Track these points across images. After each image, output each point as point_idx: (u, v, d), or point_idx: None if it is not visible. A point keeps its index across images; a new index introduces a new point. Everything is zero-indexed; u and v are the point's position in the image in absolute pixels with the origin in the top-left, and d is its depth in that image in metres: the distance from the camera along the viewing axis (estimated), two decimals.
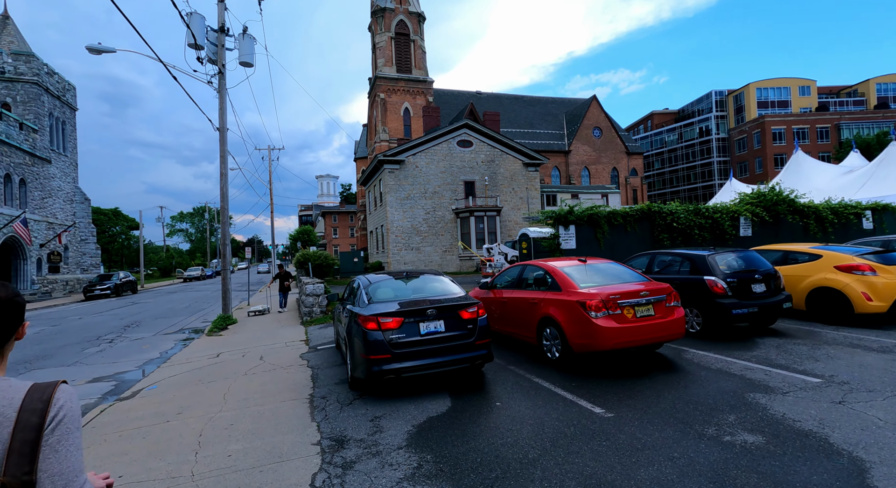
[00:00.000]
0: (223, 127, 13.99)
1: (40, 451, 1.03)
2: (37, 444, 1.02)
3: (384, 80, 49.56)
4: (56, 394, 1.10)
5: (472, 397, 5.19)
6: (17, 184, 28.51)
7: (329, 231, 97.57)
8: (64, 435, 1.07)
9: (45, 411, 1.06)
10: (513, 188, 36.32)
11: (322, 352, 8.59)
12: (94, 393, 6.96)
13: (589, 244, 14.35)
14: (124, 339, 11.99)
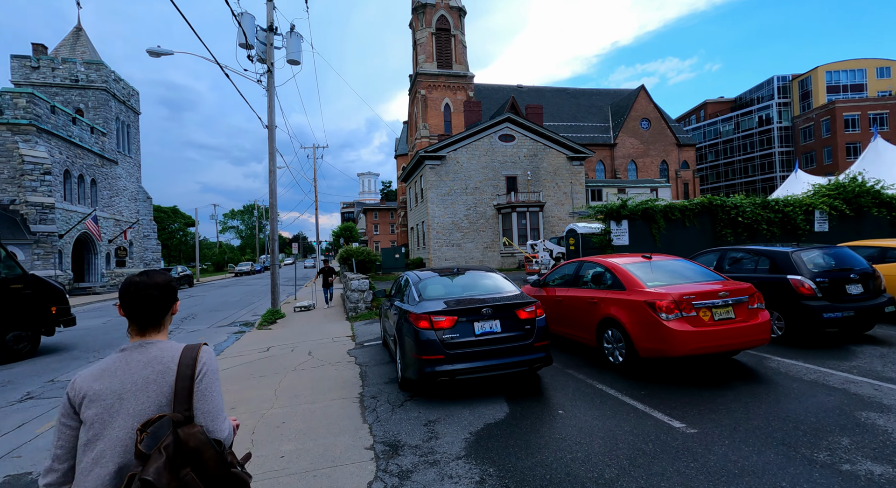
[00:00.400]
0: (272, 124, 14.27)
1: (194, 395, 1.40)
2: (191, 389, 1.40)
3: (424, 76, 49.54)
4: (200, 353, 1.49)
5: (531, 403, 4.83)
6: (88, 185, 30.76)
7: (370, 227, 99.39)
8: (209, 383, 1.45)
9: (194, 366, 1.44)
10: (556, 183, 35.28)
11: (369, 348, 8.49)
12: None
13: (643, 240, 13.53)
14: (182, 331, 12.49)
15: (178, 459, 1.27)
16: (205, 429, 1.38)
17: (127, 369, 1.43)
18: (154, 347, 1.48)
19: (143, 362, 1.45)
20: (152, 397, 1.40)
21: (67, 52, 34.78)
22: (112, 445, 1.33)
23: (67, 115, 28.64)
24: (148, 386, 1.40)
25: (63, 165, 27.76)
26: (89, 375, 1.43)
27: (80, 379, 1.43)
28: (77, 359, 9.08)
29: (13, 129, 24.93)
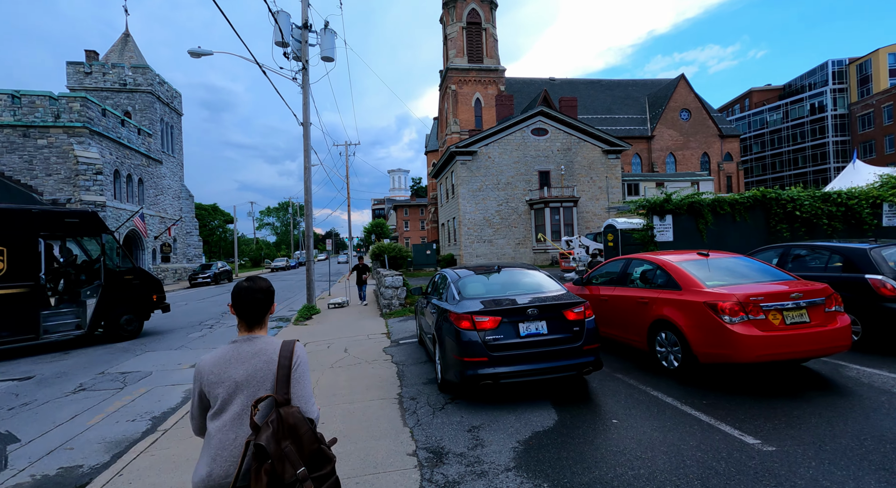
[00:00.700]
0: (306, 121, 14.38)
1: (291, 381, 1.68)
2: (289, 377, 1.68)
3: (455, 71, 49.18)
4: (295, 348, 1.77)
5: (580, 409, 4.53)
6: (136, 184, 32.28)
7: (400, 224, 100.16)
8: (302, 372, 1.74)
9: (291, 357, 1.72)
10: (591, 177, 34.25)
11: (405, 346, 8.36)
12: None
13: (689, 236, 12.81)
14: (222, 325, 12.81)
15: (281, 432, 1.57)
16: (300, 410, 1.67)
17: (239, 358, 1.75)
18: (259, 341, 1.79)
19: (251, 353, 1.75)
20: (260, 381, 1.71)
21: (116, 57, 36.55)
22: (231, 417, 1.67)
23: (117, 118, 30.09)
24: (256, 373, 1.72)
25: (113, 165, 29.22)
26: (211, 361, 1.76)
27: (203, 364, 1.77)
28: (125, 352, 9.42)
29: (69, 132, 26.41)
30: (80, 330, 10.41)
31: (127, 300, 11.18)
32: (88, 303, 10.62)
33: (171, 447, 4.35)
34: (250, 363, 1.72)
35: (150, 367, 8.04)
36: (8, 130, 25.63)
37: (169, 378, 7.34)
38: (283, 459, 1.52)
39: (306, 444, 1.60)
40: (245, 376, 1.70)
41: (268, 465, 1.50)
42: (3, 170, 25.57)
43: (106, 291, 10.74)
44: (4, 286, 9.22)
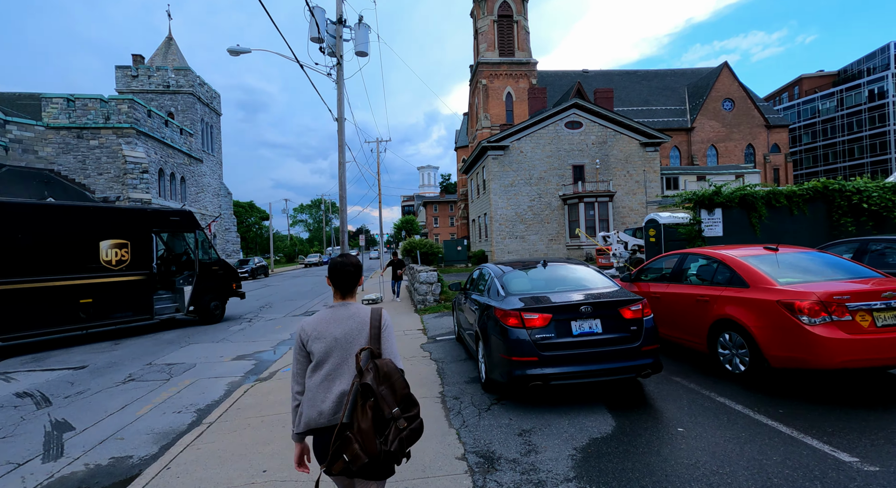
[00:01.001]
0: (341, 117, 14.41)
1: (381, 338, 2.03)
2: (379, 335, 2.03)
3: (486, 65, 48.60)
4: (382, 313, 2.10)
5: (638, 415, 4.20)
6: (178, 182, 33.61)
7: (430, 220, 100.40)
8: (389, 332, 2.08)
9: (380, 320, 2.06)
10: (627, 171, 33.08)
11: (442, 343, 8.18)
12: (238, 371, 7.36)
13: (740, 231, 12.06)
14: (260, 319, 13.05)
15: (378, 378, 1.85)
16: (391, 361, 1.95)
17: (336, 320, 2.06)
18: (352, 306, 2.11)
19: (346, 316, 2.06)
20: (354, 339, 2.02)
21: (161, 60, 38.09)
22: (333, 367, 1.99)
23: (161, 118, 31.36)
24: (352, 331, 2.03)
25: (158, 164, 30.49)
26: (313, 322, 2.07)
27: (306, 325, 2.07)
28: (171, 344, 9.68)
29: (117, 133, 27.72)
30: (178, 312, 12.19)
31: (214, 288, 12.79)
32: (185, 289, 12.23)
33: (216, 441, 4.32)
34: (346, 324, 2.04)
35: (193, 359, 8.20)
36: (64, 132, 27.14)
37: (212, 370, 7.44)
38: (382, 399, 1.83)
39: (398, 389, 1.88)
40: (342, 334, 2.02)
41: (371, 402, 1.81)
42: (60, 170, 27.12)
43: (198, 280, 12.33)
44: (129, 274, 10.91)
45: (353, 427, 1.79)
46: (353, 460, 1.76)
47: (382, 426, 1.80)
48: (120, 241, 10.82)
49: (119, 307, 10.68)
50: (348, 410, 1.82)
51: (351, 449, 1.76)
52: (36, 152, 26.59)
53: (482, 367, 5.27)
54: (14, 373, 7.50)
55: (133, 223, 11.17)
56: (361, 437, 1.76)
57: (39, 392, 6.42)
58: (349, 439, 1.78)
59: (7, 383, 6.92)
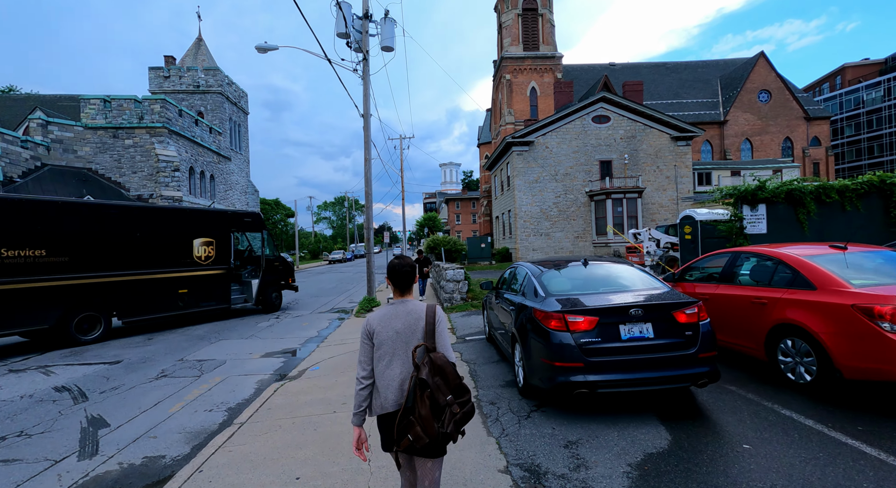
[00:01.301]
0: (367, 113, 14.30)
1: (435, 333, 2.23)
2: (434, 330, 2.23)
3: (510, 59, 47.91)
4: (436, 310, 2.32)
5: (695, 428, 3.87)
6: (208, 180, 34.40)
7: (452, 217, 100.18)
8: (442, 328, 2.29)
9: (434, 316, 2.27)
10: (657, 166, 32.02)
11: (472, 343, 7.95)
12: (267, 369, 7.31)
13: (786, 227, 11.36)
14: (287, 316, 13.10)
15: (433, 371, 2.09)
16: (444, 355, 2.16)
17: (397, 315, 2.26)
18: (410, 303, 2.32)
19: (405, 312, 2.27)
20: (412, 332, 2.22)
21: (191, 60, 39.02)
22: (395, 359, 2.21)
23: (191, 118, 32.12)
24: (410, 326, 2.23)
25: (188, 163, 31.26)
26: (377, 316, 2.29)
27: (372, 320, 2.28)
28: (202, 340, 9.77)
29: (150, 132, 28.51)
30: (247, 302, 13.72)
31: (275, 281, 14.31)
32: (252, 282, 13.70)
33: (247, 443, 4.21)
34: (405, 319, 2.26)
35: (223, 356, 8.22)
36: (101, 132, 28.10)
37: (242, 367, 7.42)
38: (437, 389, 2.07)
39: (451, 379, 2.11)
40: (403, 327, 2.24)
41: (428, 393, 2.06)
42: (97, 169, 28.10)
43: (264, 274, 13.89)
44: (214, 268, 12.43)
45: (415, 412, 2.06)
46: (417, 440, 2.05)
47: (439, 411, 2.06)
48: (207, 240, 12.32)
49: (206, 296, 12.23)
50: (410, 397, 2.10)
51: (414, 431, 2.05)
52: (75, 152, 27.62)
53: (519, 371, 5.01)
54: (54, 367, 7.67)
55: (217, 223, 12.69)
56: (422, 422, 2.04)
57: (77, 386, 6.50)
58: (412, 422, 2.06)
59: (47, 377, 7.06)
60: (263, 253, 14.18)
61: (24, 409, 5.58)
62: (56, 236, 9.38)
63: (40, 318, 9.01)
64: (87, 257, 9.82)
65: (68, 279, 9.49)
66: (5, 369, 7.58)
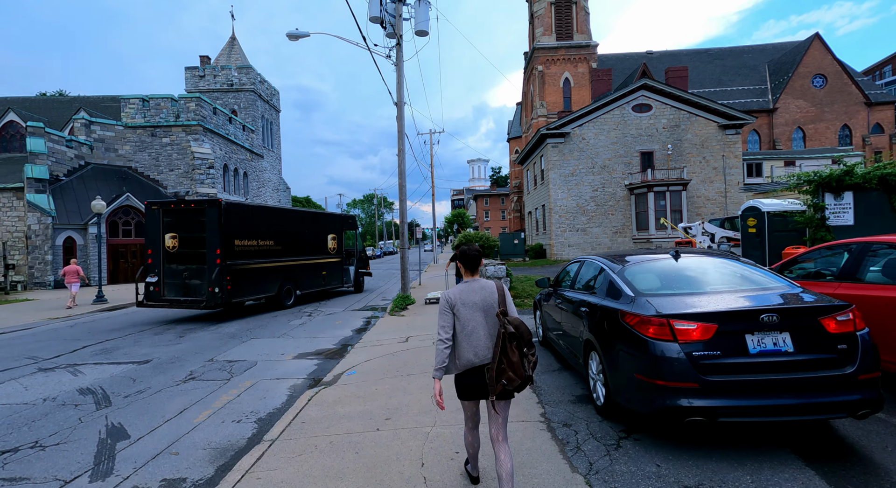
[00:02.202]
0: (400, 101, 13.62)
1: (506, 301, 2.75)
2: (504, 299, 2.74)
3: (542, 50, 46.41)
4: (501, 283, 2.84)
5: (856, 474, 2.91)
6: (241, 177, 34.76)
7: (480, 214, 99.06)
8: (509, 297, 2.81)
9: (502, 288, 2.80)
10: (703, 157, 30.07)
11: None
12: (300, 372, 6.72)
13: (879, 218, 10.00)
14: (320, 314, 12.61)
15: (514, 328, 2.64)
16: (516, 317, 2.73)
17: (473, 290, 2.78)
18: (479, 281, 2.85)
19: (478, 288, 2.80)
20: (490, 303, 2.76)
21: (225, 60, 39.58)
22: (476, 325, 2.72)
23: (225, 115, 32.47)
24: (486, 298, 2.76)
25: (223, 160, 31.61)
26: (456, 292, 2.79)
27: (452, 294, 2.79)
28: (233, 338, 9.33)
29: (186, 130, 28.92)
30: (347, 284, 17.17)
31: (363, 268, 18.35)
32: (349, 269, 17.25)
33: (278, 468, 3.55)
34: (481, 292, 2.77)
35: (254, 356, 7.70)
36: (140, 131, 28.70)
37: (273, 369, 6.86)
38: (521, 340, 2.64)
39: (524, 335, 2.65)
40: (480, 299, 2.75)
41: (514, 344, 2.62)
42: (137, 167, 28.73)
43: (357, 263, 17.75)
44: (336, 257, 16.32)
45: (505, 361, 2.56)
46: (510, 382, 2.56)
47: (522, 358, 2.61)
48: (333, 235, 16.14)
49: (332, 278, 16.06)
50: (500, 350, 2.57)
51: (508, 376, 2.55)
52: (116, 150, 28.32)
53: (598, 387, 4.15)
54: (83, 366, 7.33)
55: (337, 223, 16.61)
56: (513, 367, 2.56)
57: (102, 389, 6.08)
58: (504, 369, 2.56)
59: (74, 377, 6.70)
60: (356, 246, 18.00)
61: (44, 415, 5.15)
62: (275, 232, 13.23)
63: (271, 289, 13.10)
64: (288, 247, 13.74)
65: (282, 261, 13.46)
66: (35, 368, 7.30)
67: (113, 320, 12.43)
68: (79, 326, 11.52)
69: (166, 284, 11.73)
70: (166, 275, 11.75)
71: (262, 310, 13.30)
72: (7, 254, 23.28)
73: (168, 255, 11.76)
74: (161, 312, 13.62)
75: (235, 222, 11.82)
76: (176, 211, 11.75)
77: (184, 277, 11.62)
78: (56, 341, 9.50)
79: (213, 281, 11.08)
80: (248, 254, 12.18)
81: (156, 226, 11.73)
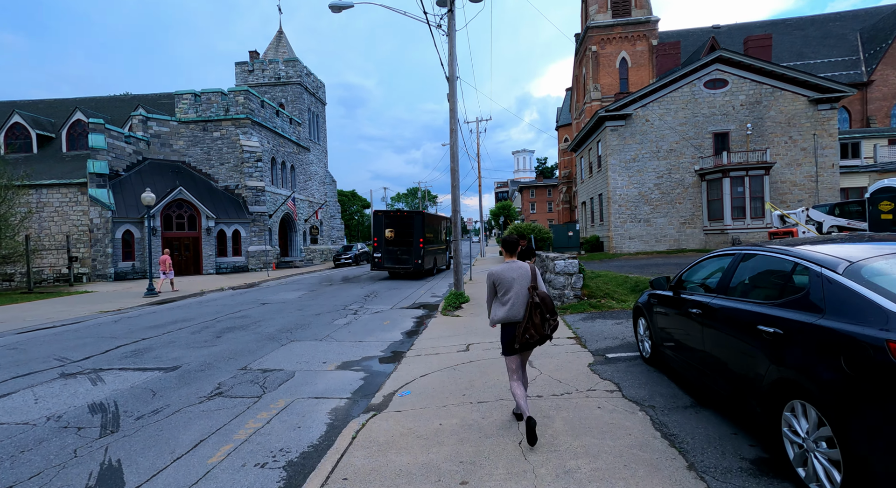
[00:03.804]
0: (452, 75, 12.18)
1: (536, 278, 3.88)
2: (535, 276, 3.88)
3: (597, 29, 43.32)
4: (533, 265, 4.04)
5: None
6: (288, 170, 34.80)
7: (526, 206, 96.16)
8: (539, 275, 3.96)
9: (534, 269, 3.93)
10: (789, 136, 26.47)
11: (622, 365, 5.53)
12: (343, 389, 5.52)
13: None
14: (366, 312, 11.53)
15: (540, 299, 3.72)
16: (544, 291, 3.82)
17: (511, 269, 3.83)
18: (516, 262, 3.90)
19: (516, 267, 3.84)
20: (524, 279, 3.80)
21: (272, 53, 39.79)
22: (514, 295, 3.76)
23: (272, 108, 32.46)
24: (521, 276, 3.80)
25: (270, 153, 31.63)
26: (499, 271, 3.84)
27: (495, 271, 3.85)
28: (272, 341, 8.36)
29: (235, 124, 29.05)
30: (442, 266, 23.44)
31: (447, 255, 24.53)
32: (446, 255, 23.88)
33: None
34: (517, 271, 3.83)
35: (292, 365, 6.62)
36: (192, 125, 29.14)
37: (312, 384, 5.71)
38: (544, 308, 3.71)
39: (549, 305, 3.74)
40: (517, 277, 3.80)
41: (538, 311, 3.68)
42: (190, 161, 29.23)
43: (447, 250, 24.29)
44: (443, 245, 23.60)
45: (531, 322, 3.68)
46: (531, 337, 3.70)
47: (543, 322, 3.70)
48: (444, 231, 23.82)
49: (443, 261, 23.50)
50: (528, 314, 3.71)
51: (530, 332, 3.68)
52: (171, 145, 28.92)
53: (814, 462, 2.54)
54: (107, 372, 6.54)
55: (443, 220, 24.06)
56: (535, 327, 3.68)
57: (115, 405, 5.15)
58: (528, 327, 3.68)
59: (93, 386, 5.87)
60: (447, 238, 24.38)
61: (38, 442, 4.22)
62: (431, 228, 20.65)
63: (430, 263, 20.86)
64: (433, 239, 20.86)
65: (432, 247, 20.46)
66: (58, 372, 6.59)
67: (157, 315, 11.99)
68: (123, 322, 11.10)
69: (385, 258, 19.76)
70: (385, 253, 19.73)
71: (305, 303, 12.42)
72: (71, 247, 24.25)
73: (387, 242, 19.66)
74: (200, 309, 13.10)
75: (426, 224, 19.99)
76: (393, 216, 20.37)
77: (397, 254, 19.66)
78: (93, 339, 8.95)
79: (417, 256, 19.44)
80: (426, 242, 19.89)
81: (380, 225, 19.86)
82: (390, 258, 19.41)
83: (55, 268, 24.58)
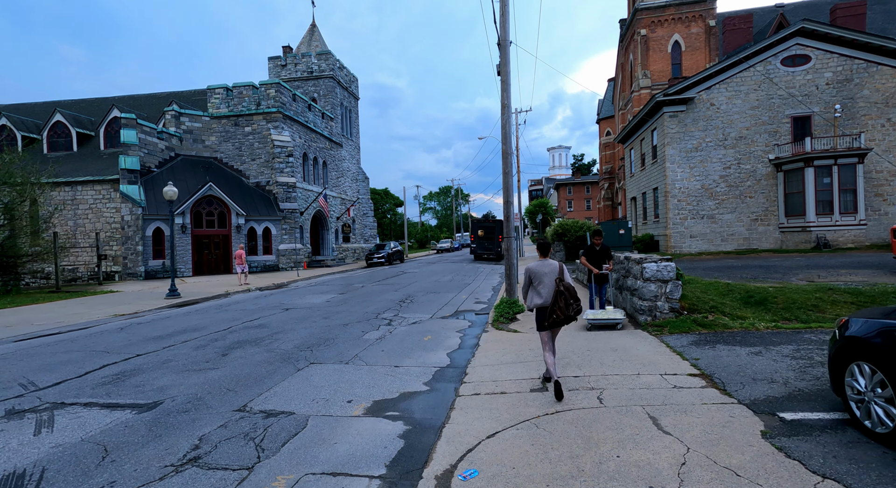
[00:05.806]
0: (504, 41, 10.15)
1: (563, 274, 4.91)
2: (562, 272, 4.92)
3: (647, 10, 39.98)
4: (560, 264, 5.02)
5: None
6: (320, 166, 33.70)
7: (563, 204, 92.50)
8: (566, 270, 4.97)
9: (561, 266, 4.98)
10: (888, 119, 22.84)
11: (826, 439, 3.37)
12: (375, 456, 3.66)
13: None
14: (402, 322, 9.70)
15: (565, 288, 4.79)
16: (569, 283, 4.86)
17: (545, 265, 4.99)
18: (549, 261, 5.06)
19: (548, 264, 4.99)
20: (553, 273, 4.90)
21: (305, 47, 38.93)
22: (545, 286, 4.89)
23: (304, 102, 31.40)
24: (552, 271, 4.92)
25: (302, 148, 30.57)
26: (534, 266, 5.02)
27: (532, 267, 5.03)
28: (286, 362, 6.63)
29: (266, 118, 28.10)
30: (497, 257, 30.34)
31: None
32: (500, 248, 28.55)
33: None
34: (549, 268, 4.91)
35: (306, 404, 4.83)
36: (224, 121, 28.42)
37: (330, 445, 3.87)
38: (568, 295, 4.73)
39: (572, 293, 4.74)
40: (548, 271, 4.88)
41: (563, 297, 4.71)
42: (221, 157, 28.52)
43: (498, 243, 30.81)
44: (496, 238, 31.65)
45: (556, 305, 4.67)
46: (557, 317, 4.68)
47: (567, 305, 4.67)
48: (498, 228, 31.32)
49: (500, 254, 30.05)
50: (554, 299, 4.70)
51: (556, 313, 4.67)
52: (203, 141, 28.30)
53: None
54: (67, 409, 4.97)
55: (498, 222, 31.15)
56: (560, 309, 4.67)
57: (39, 474, 3.47)
58: (555, 310, 4.67)
59: (33, 437, 4.27)
60: (496, 233, 30.61)
61: None
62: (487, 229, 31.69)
63: None
64: None
65: None
66: (6, 408, 5.06)
67: (168, 322, 10.62)
68: (128, 330, 9.76)
69: (478, 247, 31.39)
70: (479, 245, 31.44)
71: (331, 310, 10.74)
72: (105, 245, 23.84)
73: (479, 238, 31.55)
74: (216, 315, 11.67)
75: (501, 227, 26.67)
76: (482, 222, 33.43)
77: (485, 245, 31.01)
78: (81, 354, 7.53)
79: (497, 247, 30.06)
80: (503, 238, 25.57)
81: (476, 227, 32.50)
82: (481, 247, 31.46)
83: (89, 266, 24.29)
